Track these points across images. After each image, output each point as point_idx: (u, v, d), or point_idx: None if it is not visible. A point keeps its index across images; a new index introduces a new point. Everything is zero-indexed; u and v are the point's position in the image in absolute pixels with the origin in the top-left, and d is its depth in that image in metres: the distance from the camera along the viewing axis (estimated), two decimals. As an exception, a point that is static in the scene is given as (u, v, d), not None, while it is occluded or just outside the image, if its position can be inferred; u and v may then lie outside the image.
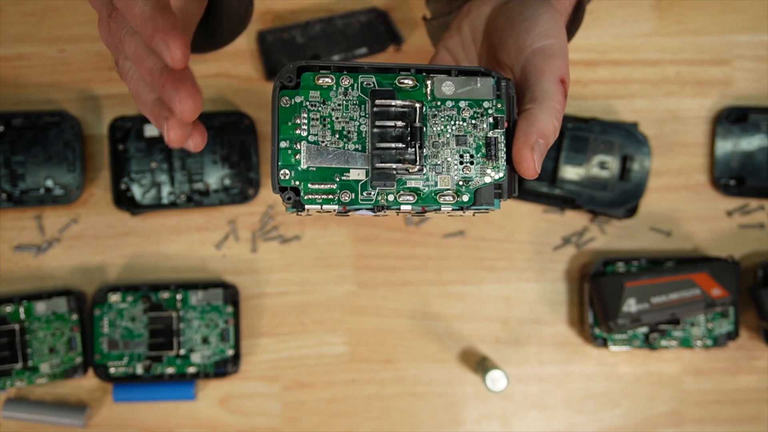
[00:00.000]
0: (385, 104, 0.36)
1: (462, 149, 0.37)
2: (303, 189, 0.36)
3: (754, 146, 0.69)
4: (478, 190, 0.37)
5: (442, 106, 0.37)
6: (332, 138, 0.36)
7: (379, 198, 0.36)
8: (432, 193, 0.37)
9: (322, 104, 0.37)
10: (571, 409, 0.69)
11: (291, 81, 0.37)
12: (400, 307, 0.69)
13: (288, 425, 0.68)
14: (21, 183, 0.66)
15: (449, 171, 0.37)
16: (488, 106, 0.37)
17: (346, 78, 0.37)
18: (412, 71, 0.37)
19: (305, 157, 0.36)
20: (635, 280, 0.64)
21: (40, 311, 0.65)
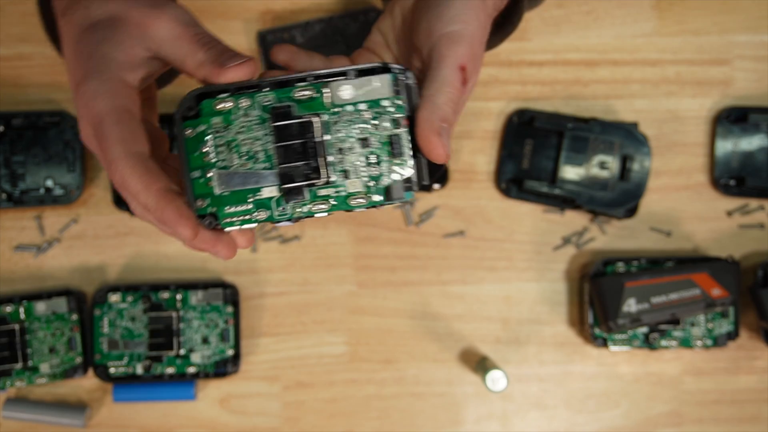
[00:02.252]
0: (284, 124, 0.37)
1: (367, 151, 0.37)
2: (220, 214, 0.37)
3: (754, 146, 0.69)
4: (389, 188, 0.37)
5: (342, 111, 0.37)
6: (240, 160, 0.37)
7: (293, 211, 0.37)
8: (343, 198, 0.37)
9: (225, 129, 0.37)
10: (571, 409, 0.69)
11: (191, 110, 0.37)
12: (400, 307, 0.69)
13: (288, 425, 0.68)
14: (21, 183, 0.66)
15: (357, 174, 0.37)
16: (387, 104, 0.37)
17: (244, 100, 0.37)
18: (309, 80, 0.37)
19: (217, 184, 0.37)
20: (635, 280, 0.64)
21: (40, 311, 0.65)
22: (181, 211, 0.37)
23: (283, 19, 0.69)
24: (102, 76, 0.37)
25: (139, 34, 0.38)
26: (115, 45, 0.38)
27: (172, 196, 0.37)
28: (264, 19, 0.69)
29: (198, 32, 0.39)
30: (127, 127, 0.37)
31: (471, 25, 0.42)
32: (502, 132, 0.69)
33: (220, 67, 0.37)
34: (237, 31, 0.69)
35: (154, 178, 0.37)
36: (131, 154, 0.37)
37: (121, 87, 0.38)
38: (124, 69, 0.38)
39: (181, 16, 0.39)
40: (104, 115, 0.37)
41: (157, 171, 0.37)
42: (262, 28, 0.68)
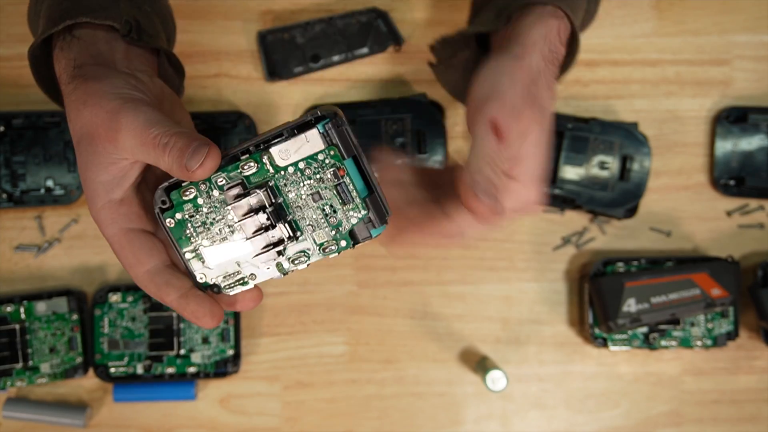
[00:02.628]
0: (237, 204, 0.40)
1: (321, 203, 0.39)
2: (221, 284, 0.41)
3: (753, 146, 0.69)
4: (353, 231, 0.40)
5: (286, 173, 0.39)
6: (219, 235, 0.40)
7: (277, 269, 0.41)
8: (318, 249, 0.40)
9: (197, 212, 0.40)
10: (571, 409, 0.69)
11: (165, 203, 0.40)
12: (400, 307, 0.69)
13: (288, 425, 0.68)
14: (21, 183, 0.66)
15: (320, 227, 0.40)
16: (323, 157, 0.39)
17: (203, 184, 0.40)
18: (251, 152, 0.39)
19: (208, 259, 0.41)
20: (635, 280, 0.64)
21: (41, 311, 0.65)
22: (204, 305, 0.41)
23: (283, 19, 0.69)
24: (95, 206, 0.41)
25: (112, 148, 0.40)
26: (97, 167, 0.41)
27: (185, 301, 0.41)
28: (264, 19, 0.69)
29: (156, 134, 0.39)
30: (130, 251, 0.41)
31: (503, 81, 0.44)
32: (502, 132, 0.69)
33: (187, 171, 0.38)
34: (237, 31, 0.69)
35: (165, 291, 0.41)
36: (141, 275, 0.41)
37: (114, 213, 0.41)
38: (111, 189, 0.41)
39: (137, 119, 0.40)
40: (111, 242, 0.41)
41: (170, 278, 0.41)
42: (262, 28, 0.68)
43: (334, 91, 0.69)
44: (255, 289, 0.42)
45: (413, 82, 0.69)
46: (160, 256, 0.42)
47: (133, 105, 0.40)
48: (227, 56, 0.69)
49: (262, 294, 0.43)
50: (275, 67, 0.68)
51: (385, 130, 0.67)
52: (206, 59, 0.69)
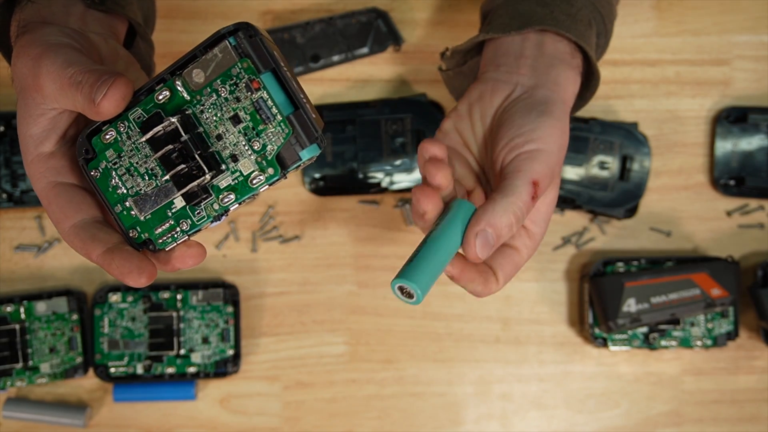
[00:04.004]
0: (152, 137, 0.36)
1: (241, 127, 0.36)
2: (153, 237, 0.38)
3: (753, 146, 0.69)
4: (279, 156, 0.36)
5: (202, 96, 0.36)
6: (145, 182, 0.37)
7: (208, 211, 0.37)
8: (244, 182, 0.36)
9: (119, 158, 0.37)
10: (571, 409, 0.69)
11: (89, 153, 0.38)
12: (400, 307, 0.69)
13: (288, 425, 0.68)
14: (21, 183, 0.66)
15: (244, 155, 0.36)
16: (237, 71, 0.35)
17: (121, 124, 0.37)
18: (167, 80, 0.37)
19: (137, 211, 0.38)
20: (635, 280, 0.64)
21: (41, 311, 0.65)
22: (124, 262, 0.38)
23: (283, 19, 0.69)
24: (26, 160, 0.40)
25: (40, 98, 0.39)
26: (27, 120, 0.39)
27: (110, 256, 0.38)
28: (264, 19, 0.69)
29: (72, 72, 0.37)
30: (57, 206, 0.39)
31: (552, 145, 0.44)
32: (502, 132, 0.69)
33: (94, 105, 0.36)
34: (237, 31, 0.69)
35: (91, 246, 0.38)
36: (67, 230, 0.39)
37: (43, 167, 0.40)
38: (40, 142, 0.40)
39: (55, 61, 0.38)
40: (40, 197, 0.40)
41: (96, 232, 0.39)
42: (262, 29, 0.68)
43: (334, 91, 0.69)
44: (194, 243, 0.39)
45: (413, 82, 0.69)
46: (88, 210, 0.39)
47: (56, 48, 0.38)
48: (227, 56, 0.69)
49: (204, 250, 0.40)
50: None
51: (385, 130, 0.67)
52: (206, 59, 0.68)
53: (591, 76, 0.51)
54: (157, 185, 0.37)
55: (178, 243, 0.38)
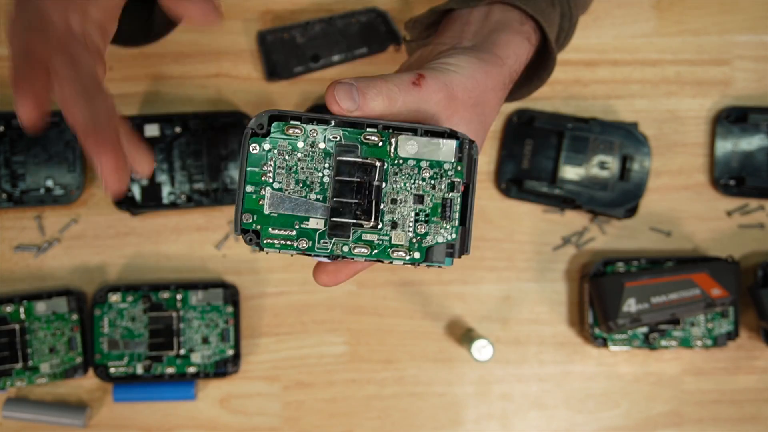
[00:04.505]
0: (348, 160, 0.38)
1: (418, 207, 0.38)
2: (263, 233, 0.38)
3: (754, 146, 0.69)
4: (430, 248, 0.38)
5: (404, 164, 0.38)
6: (296, 187, 0.38)
7: (334, 248, 0.38)
8: (385, 247, 0.38)
9: (289, 154, 0.38)
10: (571, 409, 0.69)
11: (262, 128, 0.38)
12: (400, 307, 0.69)
13: (288, 425, 0.68)
14: (21, 183, 0.66)
15: (404, 228, 0.38)
16: (448, 168, 0.38)
17: (314, 130, 0.38)
18: (379, 128, 0.38)
19: (268, 204, 0.38)
20: (635, 280, 0.64)
21: (41, 311, 0.65)
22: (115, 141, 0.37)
23: (283, 19, 0.69)
24: None
25: None
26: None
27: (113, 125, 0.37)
28: (264, 19, 0.69)
29: None
30: None
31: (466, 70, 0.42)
32: (502, 132, 0.69)
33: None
34: (237, 31, 0.69)
35: None
36: None
37: None
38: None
39: None
40: None
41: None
42: (262, 28, 0.68)
43: (334, 91, 0.69)
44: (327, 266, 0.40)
45: (413, 82, 0.69)
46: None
47: None
48: (227, 56, 0.69)
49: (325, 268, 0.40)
50: (275, 67, 0.68)
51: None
52: (206, 59, 0.68)
53: (548, 56, 0.49)
54: (305, 197, 0.38)
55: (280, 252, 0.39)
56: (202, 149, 0.67)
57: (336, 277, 0.41)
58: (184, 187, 0.67)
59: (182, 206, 0.67)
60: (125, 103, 0.68)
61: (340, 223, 0.38)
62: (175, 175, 0.67)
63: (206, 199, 0.67)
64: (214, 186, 0.67)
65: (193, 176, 0.67)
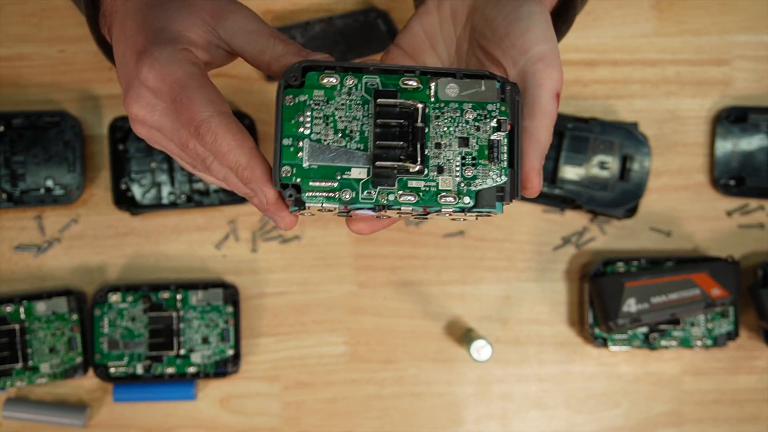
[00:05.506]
0: (388, 103, 0.36)
1: (464, 151, 0.37)
2: (304, 186, 0.36)
3: (754, 146, 0.69)
4: (480, 193, 0.36)
5: (446, 107, 0.37)
6: (335, 137, 0.36)
7: (379, 197, 0.36)
8: (433, 194, 0.36)
9: (325, 103, 0.37)
10: (571, 409, 0.69)
11: (296, 80, 0.37)
12: (400, 307, 0.69)
13: (288, 425, 0.68)
14: (21, 183, 0.66)
15: (451, 172, 0.36)
16: (492, 108, 0.37)
17: (350, 78, 0.37)
18: (417, 73, 0.37)
19: (307, 155, 0.36)
20: (635, 280, 0.64)
21: (41, 311, 0.65)
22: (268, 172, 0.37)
23: (283, 19, 0.69)
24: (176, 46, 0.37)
25: (212, 21, 0.39)
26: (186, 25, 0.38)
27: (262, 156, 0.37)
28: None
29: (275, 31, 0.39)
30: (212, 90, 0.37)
31: (555, 43, 0.41)
32: (502, 132, 0.69)
33: (305, 56, 0.37)
34: (237, 31, 0.69)
35: (246, 137, 0.37)
36: (222, 113, 0.37)
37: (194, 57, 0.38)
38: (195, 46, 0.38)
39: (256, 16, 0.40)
40: (186, 79, 0.37)
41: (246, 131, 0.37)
42: (262, 28, 0.68)
43: (334, 91, 0.69)
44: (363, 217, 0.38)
45: (413, 82, 0.69)
46: None
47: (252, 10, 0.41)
48: (227, 56, 0.69)
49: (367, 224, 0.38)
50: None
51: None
52: (206, 59, 0.68)
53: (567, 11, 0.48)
54: (346, 146, 0.36)
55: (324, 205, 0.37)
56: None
57: (373, 224, 0.39)
58: (184, 187, 0.67)
59: (182, 206, 0.67)
60: (125, 103, 0.68)
61: (385, 169, 0.36)
62: (175, 175, 0.67)
63: (206, 199, 0.67)
64: (214, 186, 0.67)
65: (193, 176, 0.67)
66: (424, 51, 0.45)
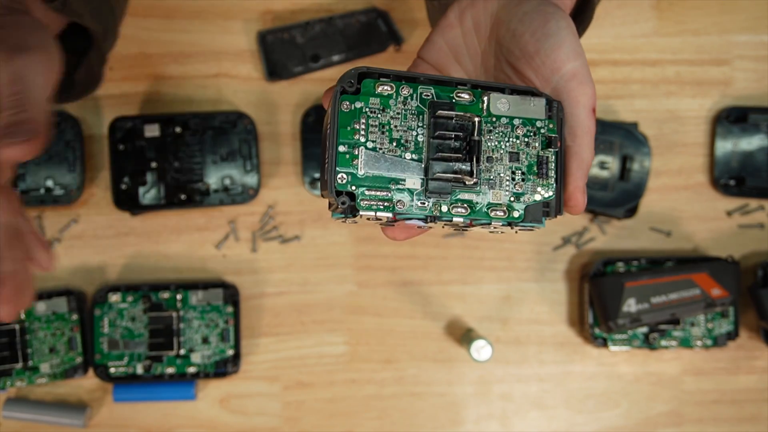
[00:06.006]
0: (445, 116, 0.37)
1: (514, 166, 0.38)
2: (359, 194, 0.36)
3: (753, 146, 0.69)
4: (528, 207, 0.38)
5: (497, 122, 0.38)
6: (390, 146, 0.37)
7: (432, 208, 0.37)
8: (484, 207, 0.37)
9: (381, 111, 0.37)
10: (571, 409, 0.69)
11: (352, 86, 0.37)
12: (400, 307, 0.69)
13: (288, 425, 0.68)
14: (21, 183, 0.66)
15: (501, 186, 0.37)
16: (541, 125, 0.38)
17: (405, 87, 0.37)
18: (468, 86, 0.38)
19: (363, 163, 0.36)
20: (635, 280, 0.64)
21: (41, 311, 0.65)
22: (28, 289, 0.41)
23: (283, 19, 0.69)
24: None
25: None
26: None
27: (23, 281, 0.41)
28: (264, 19, 0.69)
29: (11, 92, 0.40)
30: None
31: (584, 58, 0.41)
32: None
33: None
34: (237, 31, 0.69)
35: None
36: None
37: None
38: None
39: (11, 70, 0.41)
40: None
41: None
42: (262, 28, 0.68)
43: (334, 91, 0.69)
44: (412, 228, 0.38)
45: (413, 82, 0.69)
46: None
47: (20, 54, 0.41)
48: (227, 56, 0.69)
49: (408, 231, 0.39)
50: (275, 67, 0.68)
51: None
52: (206, 59, 0.69)
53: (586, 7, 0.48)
54: (401, 156, 0.37)
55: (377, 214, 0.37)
56: (202, 149, 0.67)
57: (410, 232, 0.39)
58: (184, 188, 0.67)
59: (182, 206, 0.67)
60: (125, 103, 0.68)
61: (440, 182, 0.37)
62: (175, 175, 0.67)
63: (206, 199, 0.67)
64: (214, 186, 0.67)
65: (193, 176, 0.67)
66: (449, 65, 0.45)
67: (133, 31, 0.68)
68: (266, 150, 0.68)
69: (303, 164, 0.67)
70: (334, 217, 0.37)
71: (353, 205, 0.36)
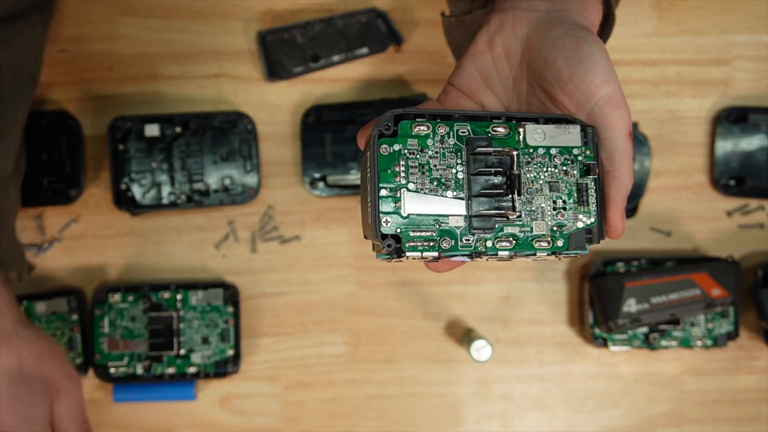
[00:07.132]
0: (483, 152, 0.37)
1: (555, 195, 0.38)
2: (404, 237, 0.36)
3: (754, 146, 0.69)
4: (571, 236, 0.38)
5: (534, 153, 0.38)
6: (431, 185, 0.37)
7: (477, 244, 0.37)
8: (528, 239, 0.37)
9: (420, 152, 0.37)
10: (571, 409, 0.69)
11: (389, 129, 0.37)
12: (400, 307, 0.69)
13: (288, 425, 0.68)
14: (21, 183, 0.66)
15: (544, 217, 0.38)
16: (578, 153, 0.38)
17: (441, 126, 0.37)
18: (502, 119, 0.38)
19: (406, 205, 0.37)
20: (635, 280, 0.64)
21: (41, 311, 0.65)
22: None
23: (283, 19, 0.69)
24: None
25: None
26: None
27: None
28: (264, 19, 0.69)
29: None
30: None
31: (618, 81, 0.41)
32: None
33: None
34: (237, 31, 0.69)
35: None
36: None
37: None
38: None
39: None
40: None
41: None
42: (262, 28, 0.68)
43: (334, 91, 0.69)
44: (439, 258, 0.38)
45: (413, 82, 0.69)
46: None
47: None
48: (227, 56, 0.69)
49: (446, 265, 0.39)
50: (275, 67, 0.68)
51: (386, 130, 0.67)
52: (206, 59, 0.68)
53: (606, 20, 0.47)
54: (443, 195, 0.37)
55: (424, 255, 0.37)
56: (202, 149, 0.67)
57: (452, 264, 0.40)
58: (184, 187, 0.67)
59: (182, 206, 0.67)
60: (125, 104, 0.68)
61: (484, 219, 0.37)
62: (175, 175, 0.67)
63: (206, 199, 0.67)
64: (214, 186, 0.67)
65: (193, 176, 0.67)
66: (481, 91, 0.45)
67: (133, 31, 0.68)
68: (266, 150, 0.68)
69: (303, 164, 0.67)
70: (379, 258, 0.38)
71: (399, 248, 0.36)
